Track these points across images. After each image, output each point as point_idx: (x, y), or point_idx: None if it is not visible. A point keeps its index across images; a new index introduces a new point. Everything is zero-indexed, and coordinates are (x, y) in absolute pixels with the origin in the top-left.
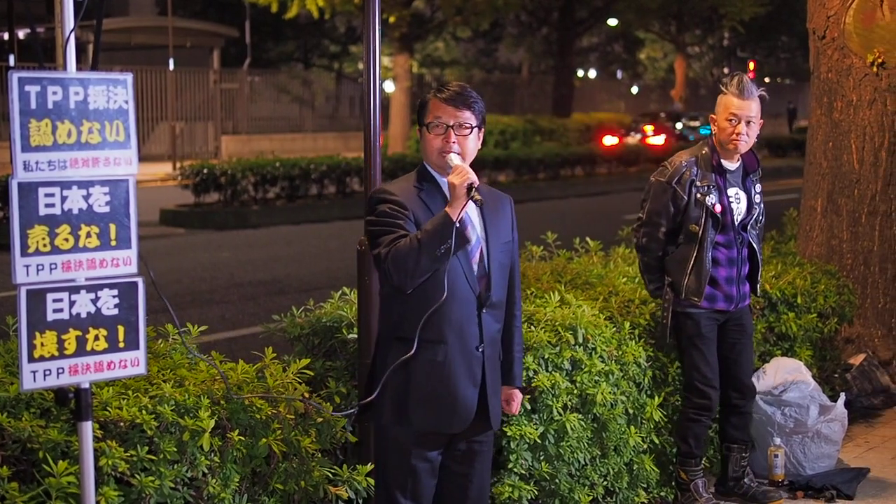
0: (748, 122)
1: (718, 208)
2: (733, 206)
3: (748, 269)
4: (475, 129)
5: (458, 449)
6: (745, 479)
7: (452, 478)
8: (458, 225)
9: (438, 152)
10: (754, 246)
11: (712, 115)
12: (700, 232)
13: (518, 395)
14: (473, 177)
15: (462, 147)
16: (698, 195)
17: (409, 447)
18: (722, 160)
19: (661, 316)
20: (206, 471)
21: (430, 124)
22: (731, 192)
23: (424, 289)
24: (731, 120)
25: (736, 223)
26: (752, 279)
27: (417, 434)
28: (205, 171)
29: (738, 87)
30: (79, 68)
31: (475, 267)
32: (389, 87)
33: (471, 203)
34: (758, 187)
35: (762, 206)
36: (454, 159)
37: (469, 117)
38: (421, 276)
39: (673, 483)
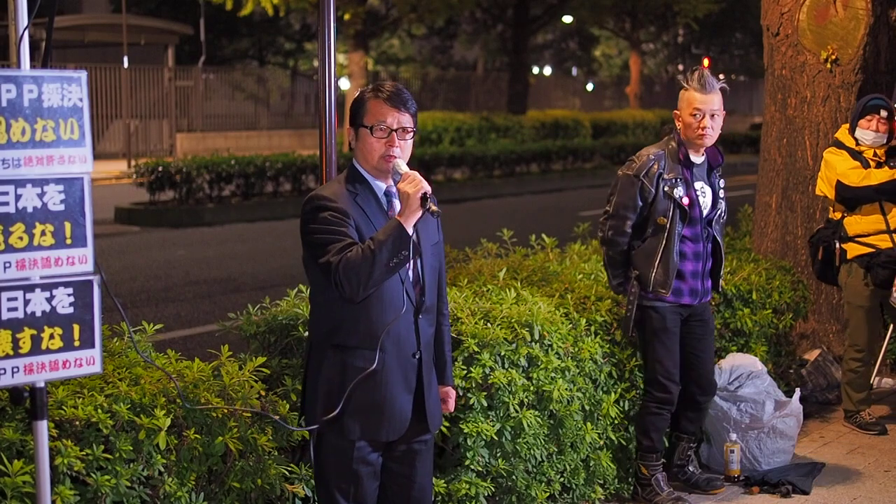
0: (712, 116)
1: (686, 201)
2: (700, 199)
3: (711, 264)
4: (414, 133)
5: (398, 450)
6: (689, 467)
7: (394, 478)
8: (413, 237)
9: (381, 157)
10: (718, 241)
11: (676, 112)
12: (668, 224)
13: (452, 393)
14: (426, 185)
15: (403, 151)
16: (666, 188)
17: (349, 452)
18: (689, 154)
19: (626, 309)
20: (163, 469)
21: (374, 127)
22: (698, 185)
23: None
24: (695, 115)
25: (703, 217)
26: (715, 275)
27: (347, 441)
28: (160, 168)
29: (700, 81)
30: (33, 66)
31: (410, 273)
32: (344, 84)
33: (397, 203)
34: (721, 182)
35: (725, 201)
36: (402, 165)
37: (408, 120)
38: (374, 286)
39: (632, 479)
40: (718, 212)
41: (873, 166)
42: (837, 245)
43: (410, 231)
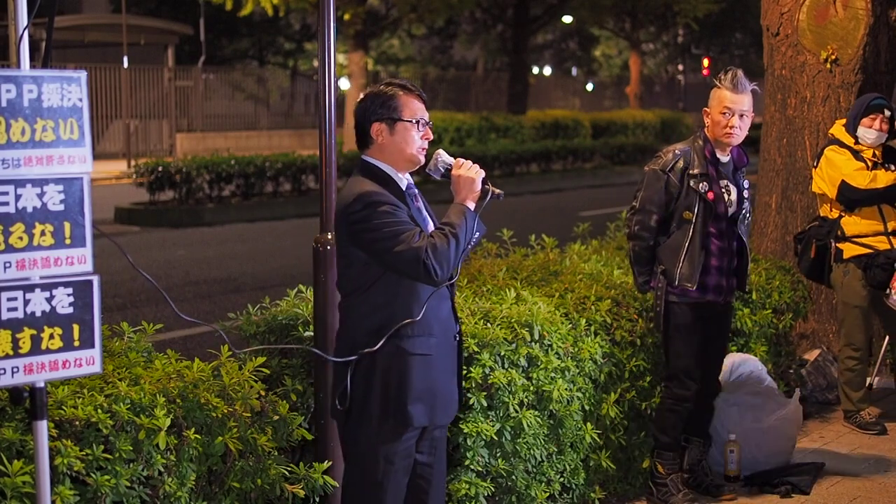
0: (741, 116)
1: (711, 195)
2: (724, 196)
3: (737, 263)
4: None
5: (426, 440)
6: (699, 472)
7: (419, 470)
8: (478, 218)
9: (419, 149)
10: (744, 240)
11: (706, 109)
12: (693, 219)
13: None
14: (481, 170)
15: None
16: (691, 183)
17: (396, 446)
18: (715, 151)
19: (654, 304)
20: (162, 469)
21: (419, 121)
22: (722, 183)
23: (410, 284)
24: (725, 113)
25: (728, 214)
26: (740, 274)
27: (406, 430)
28: (159, 168)
29: (733, 81)
30: (33, 66)
31: None
32: (344, 84)
33: (419, 196)
34: (746, 183)
35: (750, 202)
36: (447, 155)
37: None
38: (455, 268)
39: (636, 478)
40: (743, 211)
41: (870, 166)
42: (833, 244)
43: (476, 213)
